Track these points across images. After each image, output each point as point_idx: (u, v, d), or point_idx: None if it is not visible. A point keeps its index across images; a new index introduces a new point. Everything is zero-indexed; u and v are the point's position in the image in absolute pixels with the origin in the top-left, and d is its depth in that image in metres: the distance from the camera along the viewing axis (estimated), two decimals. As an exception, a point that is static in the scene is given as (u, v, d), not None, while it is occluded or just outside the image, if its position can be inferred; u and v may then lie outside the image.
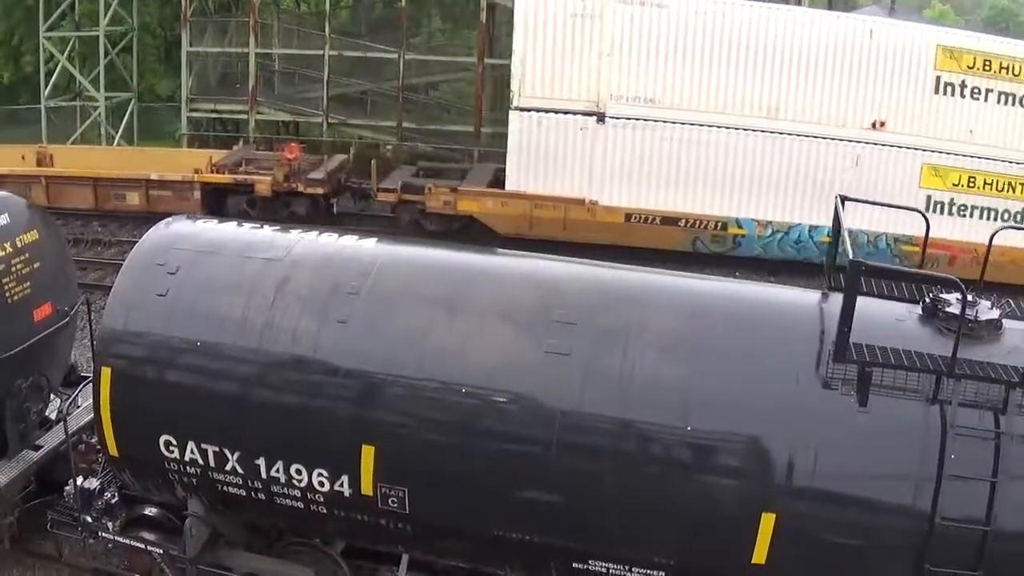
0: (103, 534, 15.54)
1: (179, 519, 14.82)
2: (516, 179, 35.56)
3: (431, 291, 13.30)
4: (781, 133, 34.16)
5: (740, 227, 34.62)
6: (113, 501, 15.57)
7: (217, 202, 38.50)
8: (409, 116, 48.07)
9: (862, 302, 11.42)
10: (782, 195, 34.23)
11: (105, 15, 48.35)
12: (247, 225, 15.37)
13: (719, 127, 34.32)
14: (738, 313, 12.87)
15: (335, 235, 14.74)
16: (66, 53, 49.80)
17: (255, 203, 38.01)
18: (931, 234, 14.77)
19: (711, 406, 11.95)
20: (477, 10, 47.27)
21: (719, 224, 34.71)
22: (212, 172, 38.68)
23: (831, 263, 13.82)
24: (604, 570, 12.68)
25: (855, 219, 12.59)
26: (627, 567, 12.58)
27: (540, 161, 35.35)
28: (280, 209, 37.76)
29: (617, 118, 34.72)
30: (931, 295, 12.65)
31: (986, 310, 12.31)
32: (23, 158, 40.50)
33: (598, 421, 12.15)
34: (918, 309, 12.65)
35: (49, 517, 16.11)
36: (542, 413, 12.25)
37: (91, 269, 32.42)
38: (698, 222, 34.67)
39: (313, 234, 14.67)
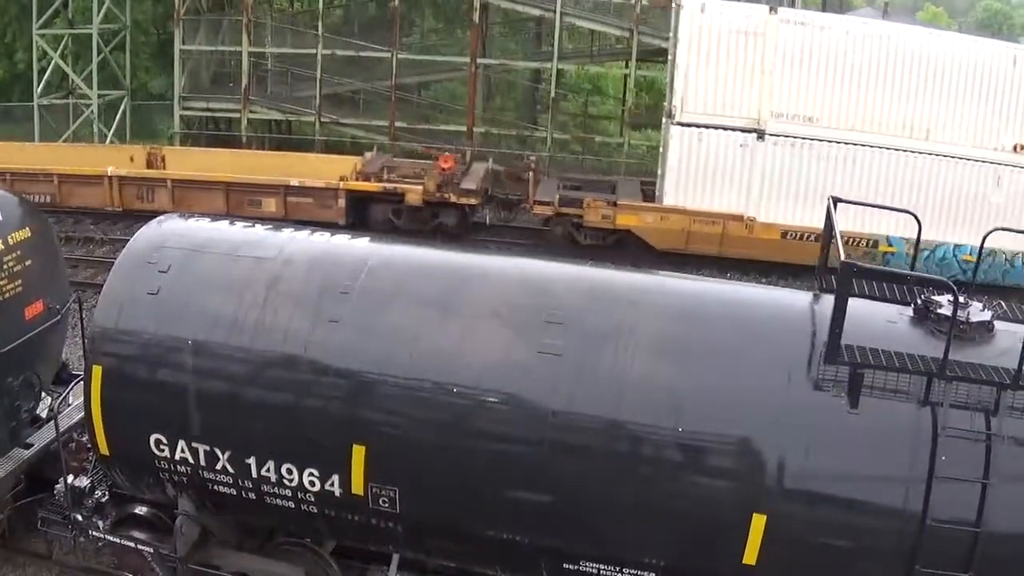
0: (93, 533, 15.51)
1: (170, 518, 14.80)
2: (674, 194, 35.67)
3: (423, 291, 13.29)
4: (930, 154, 34.69)
5: (890, 245, 34.76)
6: (104, 500, 15.55)
7: (360, 211, 37.75)
8: (401, 115, 48.12)
9: (854, 304, 11.45)
10: (929, 214, 34.37)
11: (98, 13, 48.39)
12: (239, 224, 15.34)
13: (873, 147, 34.77)
14: (730, 314, 12.87)
15: (327, 234, 14.74)
16: (59, 50, 49.80)
17: (401, 213, 37.31)
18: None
19: (702, 407, 11.94)
20: (470, 10, 47.34)
21: (870, 242, 34.86)
22: (358, 179, 37.82)
23: (822, 264, 13.82)
24: (595, 570, 12.67)
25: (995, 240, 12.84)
26: (618, 568, 12.57)
27: (699, 176, 35.64)
28: (428, 220, 37.35)
29: (777, 135, 35.17)
30: (923, 297, 12.66)
31: (978, 312, 12.31)
32: (132, 159, 39.93)
33: (590, 422, 12.14)
34: (910, 311, 12.65)
35: (40, 516, 16.10)
36: (534, 413, 12.24)
37: (83, 267, 32.36)
38: (851, 240, 34.47)
39: (305, 233, 14.66)
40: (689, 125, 35.50)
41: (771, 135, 35.15)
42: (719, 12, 35.66)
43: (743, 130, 35.26)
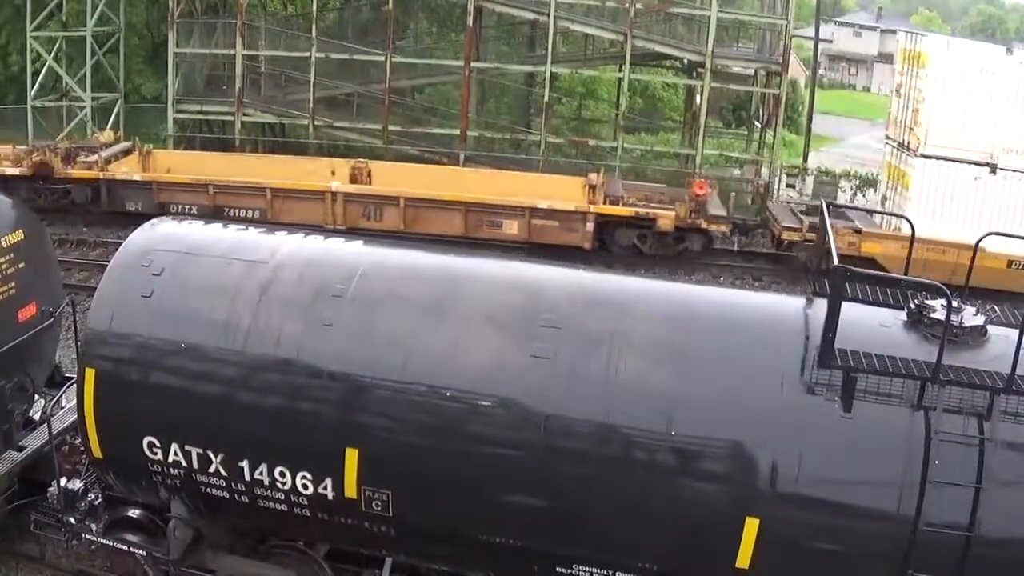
0: (86, 535, 15.51)
1: (163, 521, 14.79)
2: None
3: (416, 295, 13.30)
4: None
5: None
6: (97, 502, 15.53)
7: (604, 235, 37.27)
8: (395, 119, 48.13)
9: (847, 308, 11.46)
10: None
11: (92, 15, 48.35)
12: (232, 227, 15.36)
13: None
14: (723, 318, 12.88)
15: (320, 238, 14.75)
16: (53, 53, 49.73)
17: (646, 238, 36.78)
18: None
19: (695, 411, 11.95)
20: (464, 14, 47.35)
21: None
22: (606, 203, 37.15)
23: (816, 268, 13.83)
24: (587, 574, 12.68)
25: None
26: (611, 571, 12.59)
27: (934, 207, 36.80)
28: (673, 245, 37.03)
29: (1008, 170, 36.57)
30: (916, 301, 12.67)
31: (971, 316, 12.34)
32: (333, 173, 39.29)
33: (583, 426, 12.15)
34: (903, 315, 12.67)
35: (32, 518, 16.06)
36: (527, 417, 12.25)
37: (76, 270, 32.33)
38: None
39: (298, 236, 14.66)
40: (931, 157, 37.07)
41: (1002, 169, 36.80)
42: (961, 51, 37.94)
43: (977, 163, 36.73)
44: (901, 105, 39.92)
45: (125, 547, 15.27)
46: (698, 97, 49.50)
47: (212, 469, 13.49)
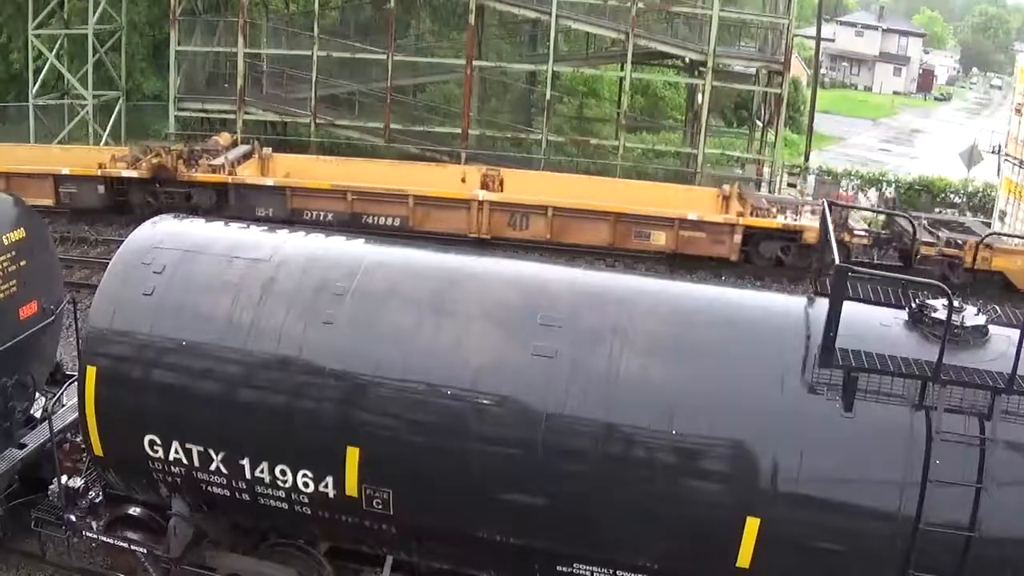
0: (87, 533, 15.50)
1: (163, 519, 14.78)
2: None
3: (417, 292, 13.30)
4: None
5: None
6: (97, 500, 15.53)
7: (749, 247, 36.33)
8: (396, 117, 48.14)
9: (848, 307, 11.45)
10: None
11: (94, 13, 48.34)
12: (233, 225, 15.37)
13: None
14: (724, 317, 12.88)
15: (321, 235, 14.75)
16: (55, 51, 49.70)
17: (789, 249, 36.06)
18: None
19: (696, 410, 11.95)
20: (465, 12, 47.34)
21: None
22: (754, 215, 36.37)
23: (817, 267, 13.82)
24: (588, 573, 12.69)
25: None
26: (611, 570, 12.59)
27: None
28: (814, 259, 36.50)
29: None
30: (917, 300, 12.67)
31: (972, 316, 12.34)
32: (463, 180, 38.36)
33: (583, 424, 12.15)
34: (904, 314, 12.66)
35: (33, 516, 16.05)
36: (527, 415, 12.25)
37: (77, 267, 32.31)
38: None
39: (300, 234, 14.68)
40: None
41: None
42: None
43: None
44: (1022, 123, 40.66)
45: (126, 545, 15.26)
46: (700, 96, 49.51)
47: (213, 467, 13.50)
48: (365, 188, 36.92)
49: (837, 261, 11.60)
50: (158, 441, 13.60)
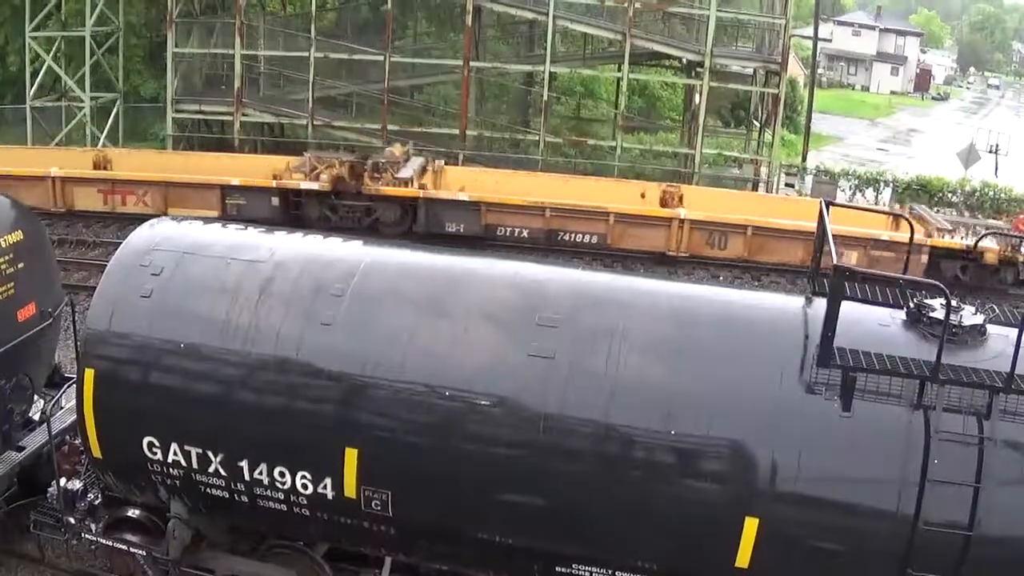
0: (86, 535, 15.49)
1: (162, 521, 14.77)
2: None
3: (415, 293, 13.30)
4: None
5: None
6: (96, 502, 15.52)
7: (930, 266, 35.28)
8: (394, 119, 48.16)
9: (846, 307, 11.46)
10: None
11: (91, 15, 48.36)
12: (231, 227, 15.35)
13: None
14: (722, 317, 12.87)
15: (319, 236, 14.75)
16: (52, 53, 49.74)
17: (967, 269, 35.66)
18: None
19: (695, 410, 11.94)
20: (463, 13, 47.37)
21: None
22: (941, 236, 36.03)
23: (815, 268, 13.83)
24: (587, 574, 12.68)
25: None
26: (610, 571, 12.59)
27: None
28: (989, 276, 36.12)
29: None
30: (915, 300, 12.68)
31: (970, 315, 12.34)
32: (643, 196, 37.73)
33: (582, 424, 12.15)
34: (902, 314, 12.66)
35: (32, 518, 16.05)
36: (526, 416, 12.25)
37: (75, 269, 32.29)
38: None
39: (297, 235, 14.67)
40: None
41: None
42: None
43: None
44: None
45: (125, 547, 15.25)
46: (697, 96, 49.52)
47: (212, 469, 13.49)
48: (565, 205, 36.25)
49: (836, 261, 11.60)
50: (157, 443, 13.60)
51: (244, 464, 13.29)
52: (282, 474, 13.15)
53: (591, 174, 44.13)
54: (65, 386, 16.57)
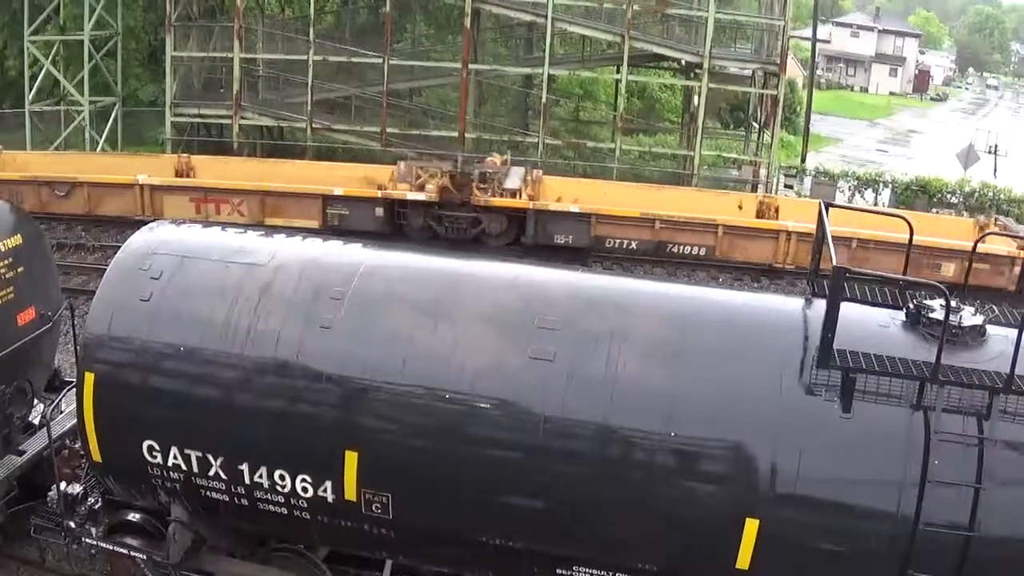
0: (87, 540, 15.48)
1: (163, 524, 14.77)
2: None
3: (415, 296, 13.29)
4: None
5: None
6: (96, 506, 15.51)
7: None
8: (393, 121, 48.16)
9: (846, 308, 11.46)
10: None
11: (90, 19, 48.39)
12: (231, 230, 15.35)
13: None
14: (722, 319, 12.88)
15: (319, 240, 14.75)
16: (50, 57, 49.76)
17: None
18: None
19: (695, 412, 11.95)
20: (461, 16, 47.38)
21: None
22: None
23: (814, 269, 13.83)
24: (587, 575, 12.69)
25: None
26: (611, 573, 12.59)
27: None
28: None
29: None
30: (915, 301, 12.68)
31: (970, 316, 12.34)
32: (740, 207, 37.97)
33: (582, 427, 12.14)
34: (902, 315, 12.66)
35: (32, 522, 16.06)
36: (526, 418, 12.25)
37: (75, 273, 32.28)
38: None
39: (297, 239, 14.66)
40: None
41: None
42: None
43: None
44: None
45: (125, 551, 15.24)
46: (696, 98, 49.58)
47: (212, 472, 13.49)
48: (675, 217, 35.93)
49: (835, 263, 11.60)
50: (157, 447, 13.59)
51: (244, 467, 13.29)
52: (282, 477, 13.15)
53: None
54: (65, 390, 16.62)
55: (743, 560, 11.84)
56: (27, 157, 42.31)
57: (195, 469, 13.55)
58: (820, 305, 12.00)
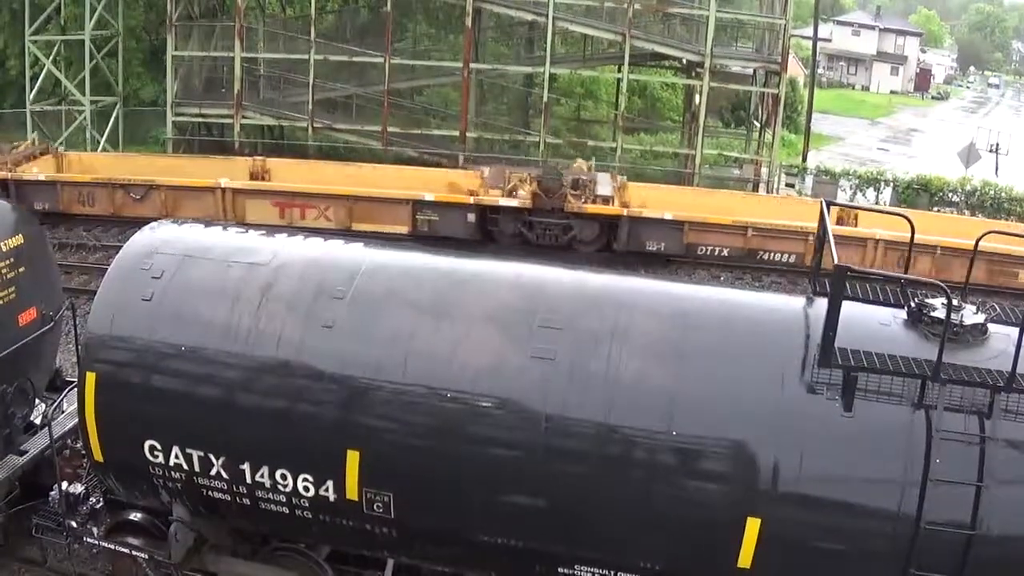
0: (88, 539, 15.50)
1: (164, 524, 14.77)
2: None
3: (416, 295, 13.29)
4: None
5: None
6: (98, 506, 15.55)
7: None
8: (394, 121, 48.13)
9: (847, 307, 11.45)
10: None
11: (91, 19, 48.39)
12: (232, 230, 15.35)
13: None
14: (723, 318, 12.86)
15: (320, 239, 14.74)
16: (51, 57, 49.77)
17: None
18: None
19: (696, 411, 11.94)
20: (462, 15, 47.35)
21: None
22: None
23: (816, 268, 13.82)
24: (589, 574, 12.68)
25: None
26: (612, 571, 12.58)
27: None
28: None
29: None
30: (916, 300, 12.67)
31: (971, 314, 12.32)
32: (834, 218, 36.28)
33: (583, 425, 12.14)
34: (903, 314, 12.65)
35: (34, 522, 16.08)
36: (527, 417, 12.24)
37: (76, 273, 32.27)
38: None
39: (298, 239, 14.65)
40: None
41: None
42: None
43: None
44: None
45: (127, 551, 15.25)
46: (697, 97, 49.54)
47: (213, 472, 13.49)
48: (767, 224, 35.69)
49: (836, 261, 11.59)
50: (158, 446, 13.59)
51: (246, 467, 13.29)
52: (284, 476, 13.14)
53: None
54: (66, 390, 16.60)
55: (744, 559, 11.84)
56: (91, 158, 42.35)
57: (197, 469, 13.54)
58: (821, 304, 11.98)
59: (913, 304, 12.63)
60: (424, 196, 36.38)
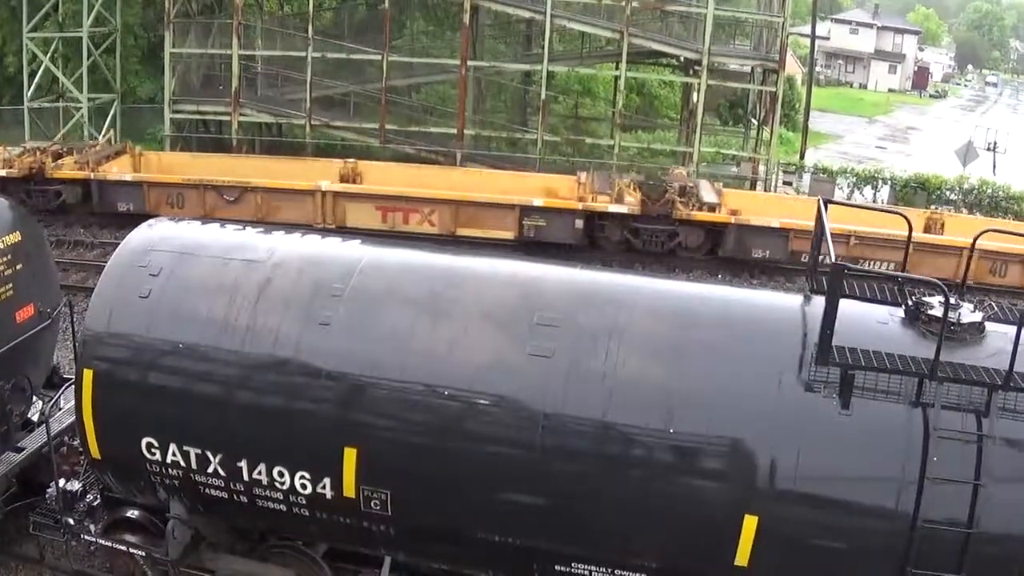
0: (85, 536, 15.50)
1: (162, 521, 14.77)
2: None
3: (414, 293, 13.28)
4: None
5: None
6: (95, 503, 15.55)
7: None
8: (392, 118, 48.08)
9: (844, 305, 11.46)
10: None
11: (88, 16, 48.30)
12: (230, 227, 15.33)
13: None
14: (721, 316, 12.86)
15: (318, 236, 14.74)
16: (49, 54, 49.72)
17: None
18: None
19: (694, 408, 11.94)
20: (460, 12, 47.32)
21: None
22: None
23: (813, 265, 13.82)
24: (587, 572, 12.68)
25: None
26: (610, 569, 12.58)
27: None
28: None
29: None
30: (914, 298, 12.67)
31: (969, 313, 12.33)
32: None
33: (581, 423, 12.14)
34: (900, 312, 12.66)
35: (31, 519, 16.06)
36: (525, 415, 12.24)
37: (73, 270, 32.25)
38: None
39: (296, 235, 14.65)
40: None
41: None
42: None
43: None
44: None
45: (124, 548, 15.26)
46: (695, 95, 49.46)
47: (211, 469, 13.49)
48: (869, 233, 34.97)
49: (833, 259, 11.59)
50: (155, 444, 13.59)
51: (243, 464, 13.29)
52: (281, 474, 13.14)
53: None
54: (64, 387, 16.59)
55: (742, 557, 11.84)
56: (171, 157, 42.11)
57: (194, 466, 13.55)
58: (819, 302, 11.98)
59: (911, 302, 12.64)
60: (533, 201, 36.03)
